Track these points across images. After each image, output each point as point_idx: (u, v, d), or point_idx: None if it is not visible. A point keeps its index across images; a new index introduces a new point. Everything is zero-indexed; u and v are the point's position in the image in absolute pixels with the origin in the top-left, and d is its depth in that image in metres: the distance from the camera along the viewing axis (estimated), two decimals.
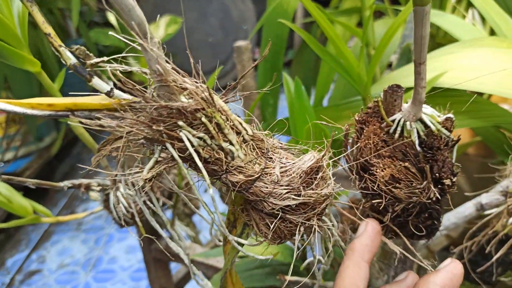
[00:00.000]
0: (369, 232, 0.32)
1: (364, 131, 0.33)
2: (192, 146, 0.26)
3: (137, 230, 0.76)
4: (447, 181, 0.30)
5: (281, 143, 0.32)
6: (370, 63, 0.53)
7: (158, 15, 2.18)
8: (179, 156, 0.26)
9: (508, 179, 0.50)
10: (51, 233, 1.60)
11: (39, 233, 1.60)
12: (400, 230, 0.36)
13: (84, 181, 0.46)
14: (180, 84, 0.26)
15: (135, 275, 1.40)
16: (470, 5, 0.90)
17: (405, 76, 0.59)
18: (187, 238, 0.75)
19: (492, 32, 0.73)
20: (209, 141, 0.26)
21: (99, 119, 0.25)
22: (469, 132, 0.88)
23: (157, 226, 0.34)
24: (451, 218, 0.55)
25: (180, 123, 0.25)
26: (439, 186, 0.31)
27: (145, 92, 0.28)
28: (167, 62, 0.27)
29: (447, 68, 0.54)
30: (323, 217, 0.31)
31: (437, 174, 0.30)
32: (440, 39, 0.90)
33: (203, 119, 0.25)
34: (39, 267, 1.45)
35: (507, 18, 0.66)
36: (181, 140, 0.26)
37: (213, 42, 2.45)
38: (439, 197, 0.30)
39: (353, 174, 0.34)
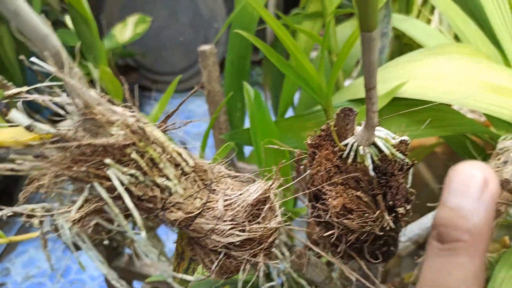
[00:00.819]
0: (491, 189, 0.19)
1: (316, 156, 0.31)
2: (122, 184, 0.24)
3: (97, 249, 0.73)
4: (401, 210, 0.29)
5: (229, 171, 0.30)
6: (331, 72, 0.51)
7: (127, 14, 2.12)
8: (110, 195, 0.24)
9: None
10: (15, 244, 1.54)
11: (2, 245, 1.53)
12: (358, 254, 0.35)
13: (28, 207, 0.43)
14: (108, 116, 0.23)
15: (105, 285, 1.36)
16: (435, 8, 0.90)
17: None
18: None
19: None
20: (142, 178, 0.24)
21: (13, 161, 0.22)
22: None
23: (97, 260, 0.32)
24: (415, 230, 0.55)
25: (107, 161, 0.23)
26: (393, 214, 0.29)
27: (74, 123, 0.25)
28: (93, 90, 0.24)
29: (411, 76, 0.53)
30: (273, 249, 0.30)
31: (390, 202, 0.29)
32: (407, 39, 0.89)
33: (133, 155, 0.23)
34: (3, 280, 1.39)
35: (470, 22, 0.66)
36: (110, 178, 0.23)
37: (184, 41, 2.41)
38: (392, 226, 0.29)
39: (307, 202, 0.32)
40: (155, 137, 0.25)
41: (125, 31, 2.18)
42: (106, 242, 0.57)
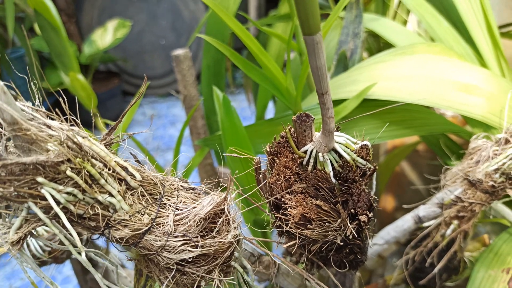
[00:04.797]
0: None
1: (275, 164, 0.30)
2: (59, 203, 0.22)
3: (70, 261, 0.71)
4: (363, 217, 0.27)
5: (183, 183, 0.29)
6: (299, 75, 0.50)
7: (106, 19, 2.09)
8: (48, 215, 0.23)
9: (443, 191, 0.49)
10: None
11: None
12: (324, 262, 0.33)
13: None
14: (40, 132, 0.22)
15: None
16: None
17: (340, 86, 0.57)
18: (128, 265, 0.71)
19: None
20: (80, 196, 0.23)
21: None
22: None
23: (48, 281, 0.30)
24: (391, 232, 0.54)
25: (40, 179, 0.21)
26: (356, 222, 0.28)
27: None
28: (26, 103, 0.23)
29: (380, 77, 0.52)
30: (232, 263, 0.28)
31: (352, 210, 0.28)
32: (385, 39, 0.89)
33: (69, 172, 0.22)
34: None
35: (441, 20, 0.66)
36: (46, 198, 0.22)
37: (166, 45, 2.38)
38: (355, 234, 0.28)
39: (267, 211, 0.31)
40: (94, 152, 0.23)
41: (105, 36, 2.16)
42: None
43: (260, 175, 0.30)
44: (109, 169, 0.24)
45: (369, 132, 0.52)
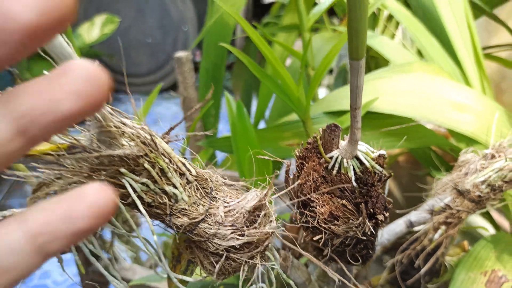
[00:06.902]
0: None
1: (304, 167, 0.34)
2: (135, 192, 0.25)
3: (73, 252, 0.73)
4: (381, 217, 0.32)
5: (225, 180, 0.32)
6: (309, 86, 0.54)
7: (93, 13, 2.08)
8: (122, 202, 0.26)
9: (434, 198, 0.54)
10: None
11: None
12: (339, 257, 0.38)
13: (17, 211, 0.43)
14: (122, 129, 0.25)
15: None
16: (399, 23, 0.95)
17: (343, 97, 0.61)
18: (127, 258, 0.73)
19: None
20: (152, 186, 0.26)
21: (36, 168, 0.24)
22: None
23: (92, 259, 0.33)
24: (384, 235, 0.59)
25: (123, 170, 0.25)
26: (374, 221, 0.33)
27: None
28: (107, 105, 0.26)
29: (379, 92, 0.57)
30: (267, 252, 0.32)
31: (371, 210, 0.32)
32: (374, 52, 0.95)
33: (146, 165, 0.25)
34: None
35: (433, 41, 0.71)
36: (123, 186, 0.25)
37: (152, 43, 2.39)
38: (373, 231, 0.32)
39: (295, 209, 0.35)
40: (163, 148, 0.27)
41: (92, 30, 2.15)
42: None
43: (291, 177, 0.34)
44: (173, 164, 0.27)
45: (368, 142, 0.57)
